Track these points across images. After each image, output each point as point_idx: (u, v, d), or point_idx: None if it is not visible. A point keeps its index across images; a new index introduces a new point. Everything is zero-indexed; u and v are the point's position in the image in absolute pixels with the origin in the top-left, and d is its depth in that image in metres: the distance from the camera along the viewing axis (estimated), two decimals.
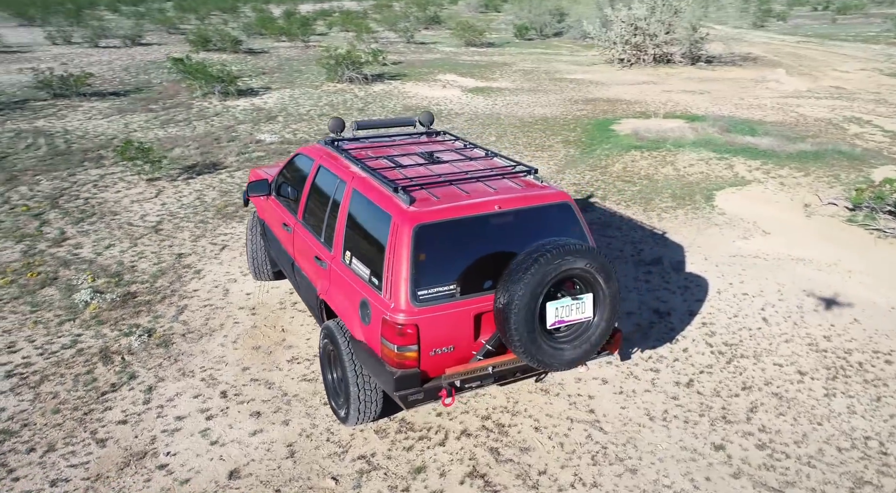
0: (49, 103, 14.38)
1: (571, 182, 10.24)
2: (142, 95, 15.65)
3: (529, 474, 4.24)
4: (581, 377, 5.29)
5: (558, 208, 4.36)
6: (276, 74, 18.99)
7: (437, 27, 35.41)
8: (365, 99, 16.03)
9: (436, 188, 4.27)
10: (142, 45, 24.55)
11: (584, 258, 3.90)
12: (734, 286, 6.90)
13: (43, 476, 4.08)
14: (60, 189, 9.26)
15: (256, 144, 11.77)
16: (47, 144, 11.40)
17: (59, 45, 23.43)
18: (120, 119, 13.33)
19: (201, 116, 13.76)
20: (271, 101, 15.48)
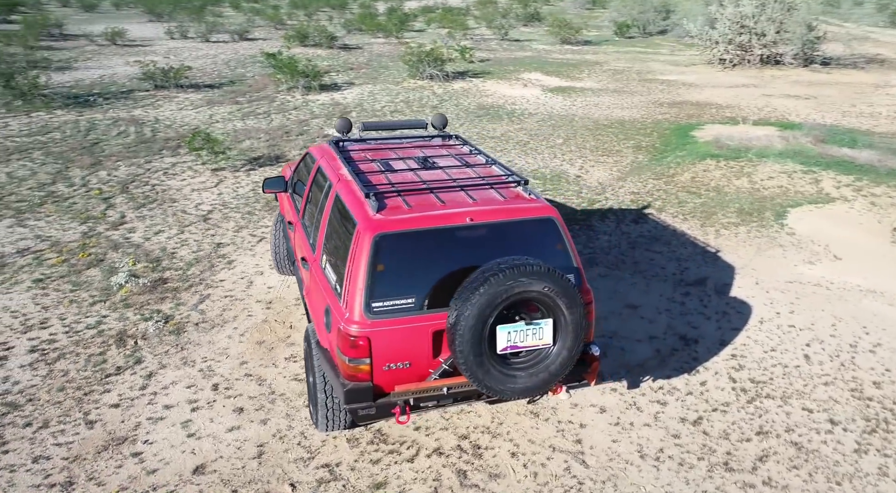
0: (150, 94, 15.37)
1: (630, 191, 9.72)
2: (233, 87, 16.41)
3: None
4: (578, 403, 4.98)
5: (540, 224, 4.10)
6: (363, 70, 19.36)
7: (535, 24, 34.85)
8: (441, 96, 16.01)
9: (413, 196, 4.13)
10: (248, 40, 25.77)
11: (542, 281, 3.62)
12: (781, 316, 6.27)
13: (29, 452, 4.32)
14: (134, 175, 9.86)
15: (323, 139, 12.03)
16: (136, 132, 12.18)
17: (176, 40, 25.01)
18: (207, 110, 14.04)
19: (281, 110, 14.25)
20: (350, 96, 15.78)
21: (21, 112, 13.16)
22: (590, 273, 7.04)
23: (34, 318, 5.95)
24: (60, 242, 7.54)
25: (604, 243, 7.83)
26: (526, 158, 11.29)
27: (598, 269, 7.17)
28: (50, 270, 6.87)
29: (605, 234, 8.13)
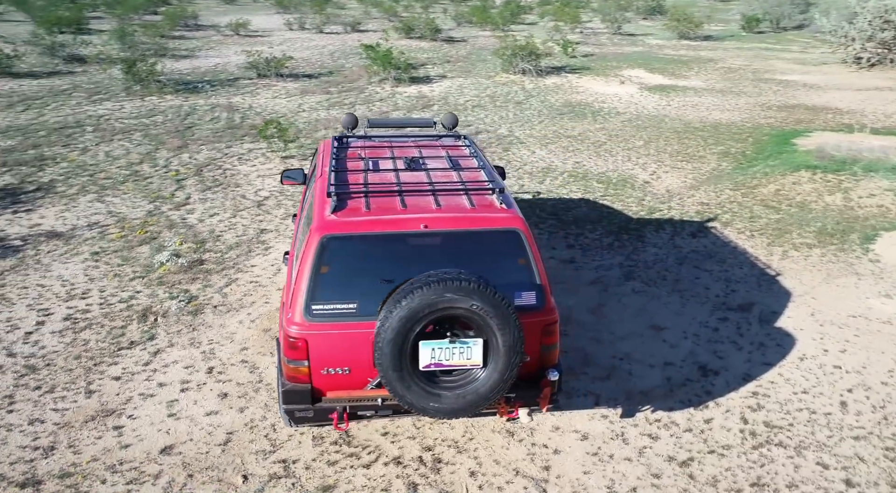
0: (252, 82, 16.21)
1: (699, 201, 9.03)
2: (329, 78, 16.95)
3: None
4: (560, 427, 4.70)
5: (503, 235, 3.87)
6: (459, 63, 19.33)
7: (656, 18, 33.22)
8: (529, 92, 15.67)
9: (379, 198, 4.03)
10: (359, 31, 26.52)
11: (470, 299, 3.41)
12: (828, 354, 5.59)
13: (29, 414, 4.70)
14: (211, 159, 10.44)
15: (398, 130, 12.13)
16: (227, 118, 12.90)
17: (293, 31, 26.19)
18: (298, 99, 14.60)
19: (367, 101, 14.54)
20: (438, 89, 15.81)
21: (137, 96, 14.31)
22: (622, 288, 6.62)
23: (79, 288, 6.46)
24: (126, 219, 8.13)
25: (649, 257, 7.33)
26: (596, 159, 10.80)
27: (634, 283, 6.72)
28: (108, 244, 7.43)
29: (654, 246, 7.60)
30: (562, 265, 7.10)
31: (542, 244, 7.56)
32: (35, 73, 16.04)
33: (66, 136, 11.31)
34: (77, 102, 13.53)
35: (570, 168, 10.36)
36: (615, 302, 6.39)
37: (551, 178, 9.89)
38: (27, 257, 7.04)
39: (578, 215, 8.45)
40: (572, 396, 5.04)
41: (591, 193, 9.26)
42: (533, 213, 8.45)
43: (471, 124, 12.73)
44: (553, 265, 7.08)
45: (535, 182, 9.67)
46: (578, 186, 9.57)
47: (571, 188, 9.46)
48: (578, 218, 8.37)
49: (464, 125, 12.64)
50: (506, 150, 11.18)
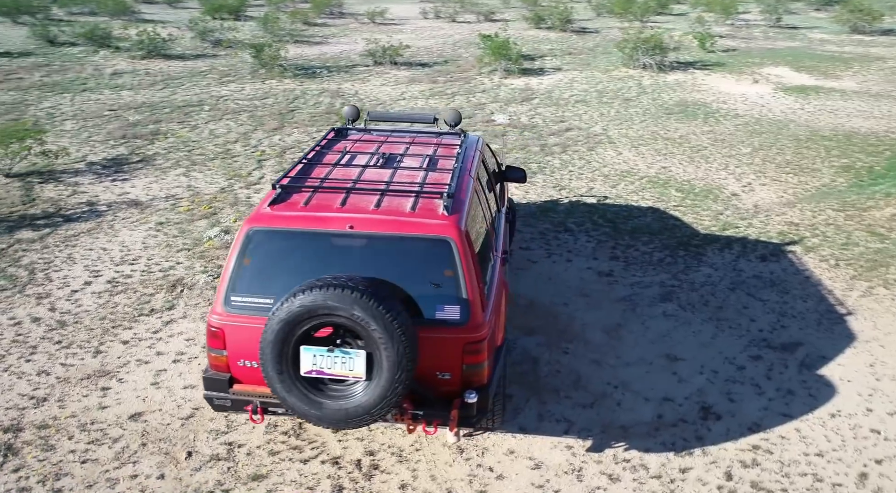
0: (367, 69, 16.71)
1: (788, 220, 8.03)
2: (442, 67, 17.05)
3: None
4: (515, 451, 4.40)
5: (431, 243, 3.66)
6: (581, 56, 18.63)
7: (831, 9, 29.82)
8: (644, 89, 14.74)
9: (326, 193, 3.97)
10: (493, 21, 26.41)
11: (351, 308, 3.24)
12: (870, 416, 4.76)
13: (41, 365, 5.21)
14: (298, 142, 10.92)
15: (486, 124, 11.96)
16: (329, 103, 13.41)
17: (428, 20, 26.64)
18: (403, 87, 14.84)
19: (469, 92, 14.45)
20: (546, 82, 15.35)
21: (259, 79, 15.29)
22: (652, 309, 6.06)
23: (132, 254, 7.05)
24: (199, 194, 8.74)
25: (699, 278, 6.64)
26: (687, 165, 9.95)
27: (667, 306, 6.13)
28: (174, 216, 8.03)
29: (710, 267, 6.87)
30: (595, 278, 6.63)
31: (585, 253, 7.11)
32: (185, 56, 17.61)
33: (185, 113, 12.35)
34: (207, 83, 14.70)
35: (652, 173, 9.63)
36: (637, 324, 5.87)
37: (627, 182, 9.25)
38: (104, 222, 7.80)
39: (638, 225, 7.84)
40: (544, 419, 4.71)
41: (663, 202, 8.55)
42: (589, 219, 7.97)
43: (564, 120, 12.24)
44: (586, 277, 6.64)
45: (606, 186, 9.10)
46: (653, 193, 8.88)
47: (644, 195, 8.79)
48: (637, 228, 7.76)
49: (556, 121, 12.19)
50: (590, 149, 10.63)
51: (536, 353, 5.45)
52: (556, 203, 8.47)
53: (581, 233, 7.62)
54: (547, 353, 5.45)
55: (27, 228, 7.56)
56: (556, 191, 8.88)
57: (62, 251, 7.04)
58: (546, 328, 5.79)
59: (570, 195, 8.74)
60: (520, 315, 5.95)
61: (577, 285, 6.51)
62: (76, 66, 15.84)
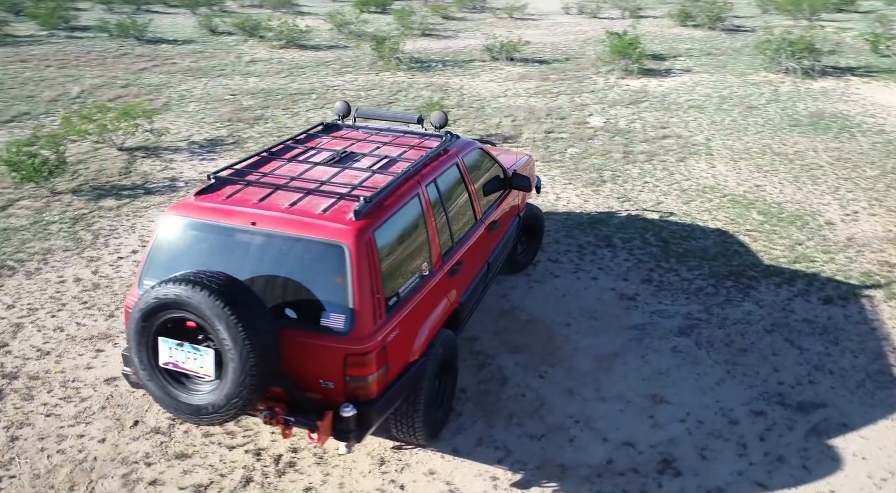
0: (483, 65, 16.60)
1: (881, 259, 6.88)
2: (559, 65, 16.51)
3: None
4: (436, 472, 4.17)
5: (325, 247, 3.54)
6: (720, 57, 17.15)
7: None
8: (778, 96, 13.26)
9: (257, 187, 3.98)
10: (638, 17, 25.10)
11: (197, 305, 3.20)
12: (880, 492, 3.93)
13: (60, 322, 5.76)
14: None
15: (579, 126, 11.42)
16: (427, 97, 13.50)
17: (569, 16, 25.91)
18: (510, 84, 14.57)
19: (576, 91, 13.87)
20: (667, 85, 14.32)
21: (374, 72, 15.78)
22: (662, 343, 5.47)
23: None
24: None
25: (736, 314, 5.87)
26: (787, 186, 8.81)
27: (682, 341, 5.48)
28: None
29: (755, 303, 6.04)
30: (614, 300, 6.10)
31: (616, 273, 6.56)
32: (319, 46, 18.63)
33: (293, 101, 13.07)
34: (326, 73, 15.45)
35: (739, 191, 8.65)
36: (636, 356, 5.31)
37: (705, 199, 8.39)
38: (175, 197, 8.48)
39: (692, 248, 7.08)
40: (483, 444, 4.42)
41: (736, 225, 7.65)
42: (639, 236, 7.33)
43: (665, 127, 11.35)
44: (605, 298, 6.12)
45: (678, 202, 8.31)
46: (730, 214, 7.97)
47: (718, 215, 7.92)
48: (690, 251, 7.02)
49: (657, 127, 11.34)
50: (680, 160, 9.76)
51: (510, 373, 5.13)
52: (612, 215, 7.89)
53: (623, 250, 7.03)
54: (521, 374, 5.11)
55: (112, 197, 8.43)
56: (619, 202, 8.27)
57: (129, 221, 7.77)
58: (533, 348, 5.43)
59: (633, 208, 8.10)
60: (513, 330, 5.64)
61: (590, 305, 6.02)
62: (222, 53, 17.32)
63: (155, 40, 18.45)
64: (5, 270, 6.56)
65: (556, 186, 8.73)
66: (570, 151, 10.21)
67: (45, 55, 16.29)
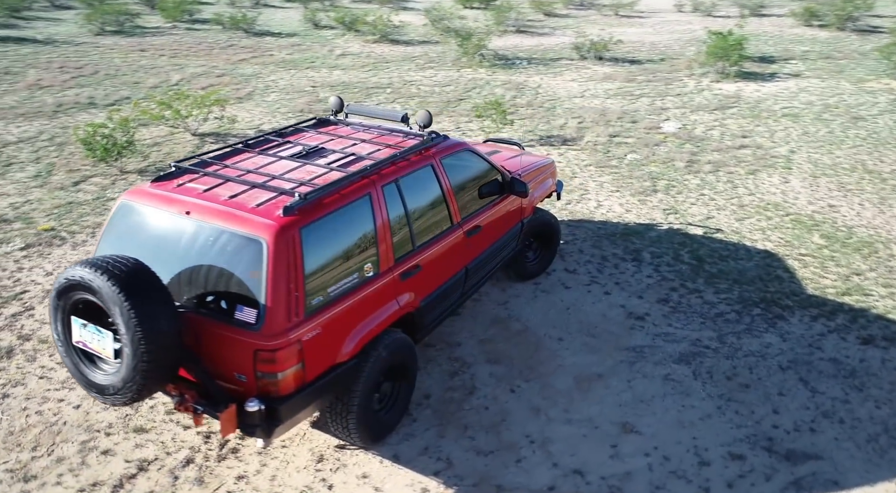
0: (569, 64, 16.09)
1: None
2: (651, 65, 15.70)
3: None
4: (369, 476, 4.08)
5: (245, 241, 3.54)
6: (840, 61, 15.62)
7: None
8: (893, 108, 11.87)
9: (211, 178, 4.04)
10: (760, 15, 23.38)
11: (96, 289, 3.27)
12: None
13: None
14: (440, 130, 11.09)
15: (649, 131, 10.80)
16: (499, 95, 13.29)
17: (682, 13, 24.57)
18: (591, 84, 14.03)
19: (660, 94, 13.13)
20: (765, 90, 13.23)
21: (456, 68, 15.70)
22: (656, 369, 5.05)
23: None
24: None
25: (751, 346, 5.30)
26: (867, 208, 7.90)
27: (679, 369, 5.03)
28: None
29: (778, 336, 5.44)
30: (621, 318, 5.70)
31: (632, 289, 6.14)
32: (410, 41, 18.88)
33: (367, 95, 13.32)
34: (408, 69, 15.61)
35: (807, 211, 7.83)
36: (622, 381, 4.94)
37: (763, 217, 7.66)
38: None
39: (728, 269, 6.49)
40: (427, 453, 4.28)
41: (789, 248, 6.92)
42: (673, 252, 6.82)
43: (747, 136, 10.49)
44: (611, 315, 5.75)
45: (731, 218, 7.64)
46: (786, 235, 7.23)
47: (771, 236, 7.21)
48: (724, 272, 6.44)
49: (737, 136, 10.50)
50: (750, 173, 8.99)
51: (482, 383, 4.94)
52: (651, 228, 7.39)
53: (649, 266, 6.57)
54: (492, 386, 4.90)
55: None
56: (664, 214, 7.74)
57: None
58: (515, 360, 5.19)
59: (677, 222, 7.54)
60: (500, 340, 5.43)
61: (591, 321, 5.68)
62: (318, 46, 17.97)
63: (261, 33, 19.45)
64: (57, 239, 7.16)
65: (601, 193, 8.30)
66: (630, 157, 9.68)
67: (161, 45, 17.61)
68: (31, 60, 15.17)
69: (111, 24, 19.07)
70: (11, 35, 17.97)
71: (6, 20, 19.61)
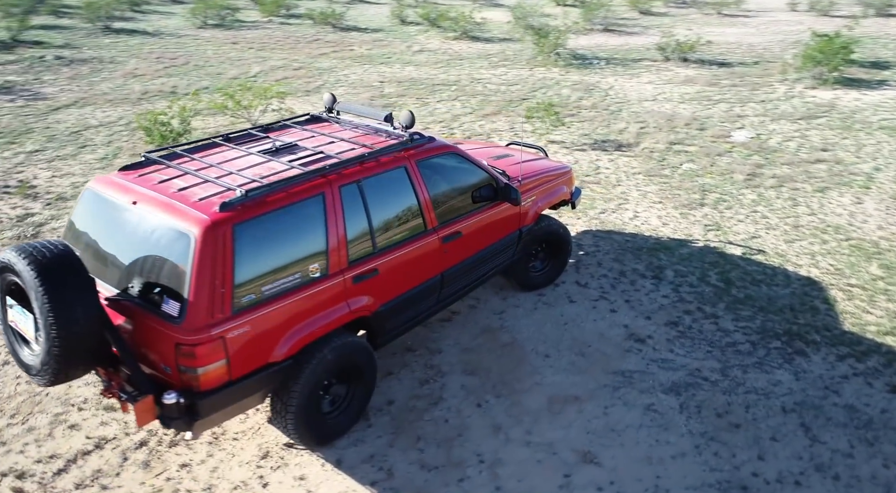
0: (650, 64, 15.27)
1: None
2: (744, 69, 14.65)
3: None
4: (306, 478, 4.02)
5: (175, 234, 3.54)
6: None
7: None
8: None
9: (173, 170, 4.09)
10: (886, 15, 21.33)
11: (20, 271, 3.33)
12: None
13: None
14: (493, 130, 10.86)
15: (715, 139, 10.07)
16: (564, 95, 12.84)
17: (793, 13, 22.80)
18: (667, 87, 13.26)
19: (742, 100, 12.21)
20: (866, 99, 12.01)
21: (528, 67, 15.32)
22: (642, 398, 4.68)
23: None
24: None
25: (756, 383, 4.78)
26: None
27: (666, 400, 4.61)
28: None
29: (792, 374, 4.88)
30: (619, 339, 5.32)
31: (642, 309, 5.72)
32: (491, 39, 18.66)
33: (430, 91, 13.26)
34: (480, 66, 15.40)
35: (872, 237, 7.01)
36: (598, 407, 4.59)
37: (816, 240, 6.94)
38: None
39: (757, 295, 5.91)
40: (370, 462, 4.17)
41: (837, 277, 6.22)
42: (700, 272, 6.29)
43: (827, 150, 9.56)
44: (610, 335, 5.37)
45: (780, 240, 6.97)
46: (839, 262, 6.50)
47: (821, 262, 6.50)
48: (750, 298, 5.87)
49: (815, 149, 9.60)
50: (819, 190, 8.17)
51: (450, 394, 4.75)
52: (684, 244, 6.87)
53: (668, 285, 6.10)
54: (459, 398, 4.70)
55: None
56: (704, 231, 7.17)
57: None
58: (492, 373, 4.96)
59: (715, 239, 6.97)
60: (484, 351, 5.21)
61: (586, 340, 5.33)
62: (398, 42, 18.14)
63: (348, 28, 19.89)
64: None
65: (642, 204, 7.82)
66: (686, 166, 9.06)
67: (253, 39, 18.41)
68: (135, 51, 16.27)
69: (213, 17, 20.11)
70: (126, 27, 19.35)
71: (126, 13, 21.14)
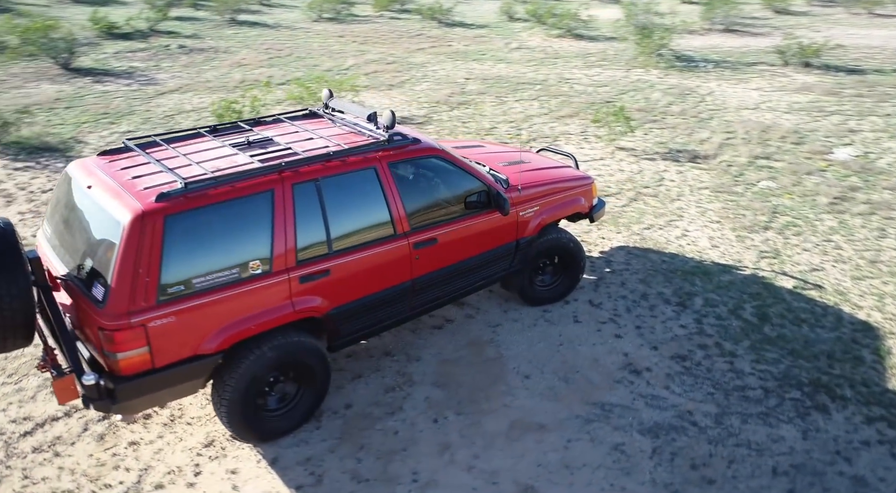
0: (763, 69, 13.99)
1: None
2: (875, 77, 13.04)
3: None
4: (239, 470, 3.98)
5: (113, 222, 3.58)
6: None
7: None
8: None
9: (140, 158, 4.16)
10: None
11: None
12: None
13: None
14: (562, 133, 10.36)
15: (811, 156, 9.01)
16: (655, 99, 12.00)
17: None
18: (776, 95, 12.06)
19: (864, 113, 10.87)
20: None
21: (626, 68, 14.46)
22: (614, 435, 4.24)
23: None
24: None
25: (755, 436, 4.17)
26: None
27: (641, 441, 4.14)
28: None
29: (799, 431, 4.22)
30: (614, 368, 4.85)
31: (653, 338, 5.19)
32: (596, 38, 17.85)
33: (513, 89, 12.84)
34: (574, 65, 14.75)
35: None
36: (561, 439, 4.19)
37: (890, 281, 5.99)
38: None
39: (793, 336, 5.17)
40: (305, 465, 4.06)
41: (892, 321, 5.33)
42: (735, 305, 5.62)
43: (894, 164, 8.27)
44: (606, 362, 4.91)
45: (846, 276, 6.09)
46: None
47: (888, 305, 5.60)
48: (783, 339, 5.15)
49: (878, 156, 8.32)
50: (888, 218, 7.07)
51: (410, 405, 4.54)
52: (728, 271, 6.17)
53: (691, 315, 5.49)
54: (419, 411, 4.48)
55: None
56: (757, 258, 6.40)
57: None
58: (462, 389, 4.68)
59: (768, 269, 6.20)
60: (463, 364, 4.95)
61: (576, 364, 4.91)
62: (497, 39, 17.85)
63: (453, 24, 19.87)
64: None
65: (696, 222, 7.12)
66: (764, 183, 8.17)
67: (359, 32, 18.86)
68: (249, 42, 17.16)
69: (329, 11, 20.83)
70: (250, 20, 20.46)
71: (254, 6, 22.38)
